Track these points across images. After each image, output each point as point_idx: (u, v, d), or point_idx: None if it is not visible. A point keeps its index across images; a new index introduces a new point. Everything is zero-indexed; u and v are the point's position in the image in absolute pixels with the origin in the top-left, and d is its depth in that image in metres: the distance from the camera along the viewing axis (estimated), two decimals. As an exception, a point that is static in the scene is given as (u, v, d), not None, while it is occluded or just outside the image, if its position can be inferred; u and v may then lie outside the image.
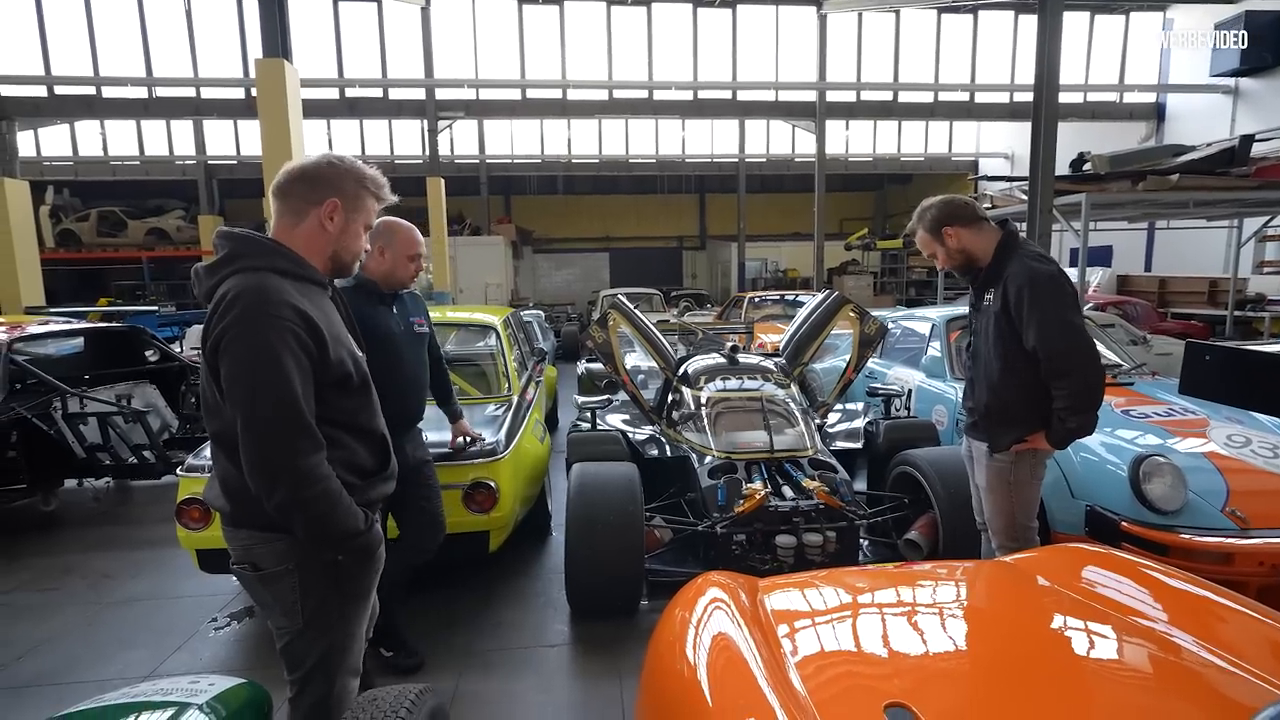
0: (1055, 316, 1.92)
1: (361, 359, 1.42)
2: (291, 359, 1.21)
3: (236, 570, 1.34)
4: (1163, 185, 6.08)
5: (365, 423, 1.42)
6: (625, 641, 2.51)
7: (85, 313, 8.64)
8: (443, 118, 13.73)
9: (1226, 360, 1.38)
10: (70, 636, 2.71)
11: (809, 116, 13.96)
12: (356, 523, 1.29)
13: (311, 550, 1.30)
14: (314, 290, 1.35)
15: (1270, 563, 2.21)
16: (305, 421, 1.23)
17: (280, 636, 1.36)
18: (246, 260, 1.27)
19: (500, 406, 3.27)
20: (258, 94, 6.42)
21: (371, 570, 1.42)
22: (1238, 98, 11.86)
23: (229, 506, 1.32)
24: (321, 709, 1.37)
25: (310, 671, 1.35)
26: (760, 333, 6.85)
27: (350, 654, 1.40)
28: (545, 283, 22.06)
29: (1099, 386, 1.96)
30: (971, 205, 2.14)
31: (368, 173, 1.41)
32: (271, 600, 1.34)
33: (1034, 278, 1.95)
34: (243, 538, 1.32)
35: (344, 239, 1.39)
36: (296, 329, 1.23)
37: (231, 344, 1.20)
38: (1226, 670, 0.96)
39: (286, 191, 1.35)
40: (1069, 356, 1.92)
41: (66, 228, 16.36)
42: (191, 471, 2.57)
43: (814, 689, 0.94)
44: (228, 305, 1.21)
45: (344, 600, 1.37)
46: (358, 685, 1.44)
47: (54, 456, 3.97)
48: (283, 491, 1.20)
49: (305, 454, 1.22)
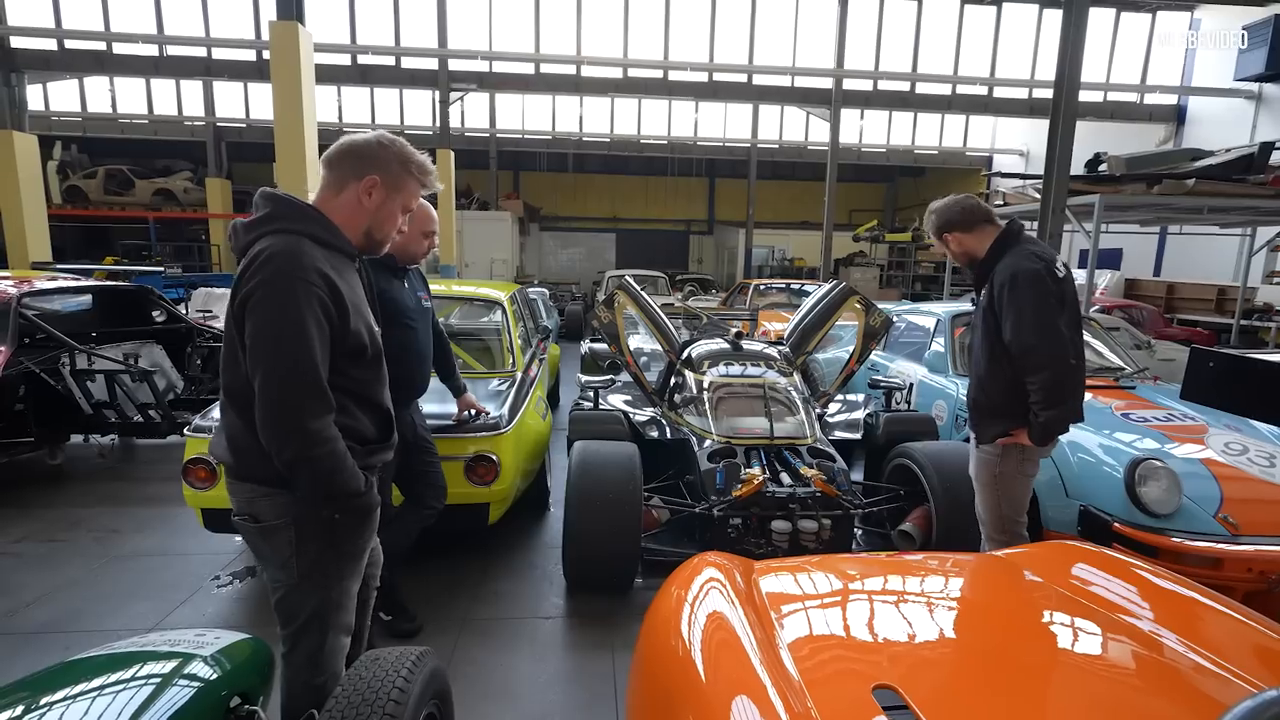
0: (1029, 312, 1.98)
1: (377, 333, 1.45)
2: (314, 323, 1.25)
3: (238, 521, 1.38)
4: (1178, 190, 6.02)
5: (374, 395, 1.46)
6: (619, 617, 2.56)
7: (92, 270, 8.65)
8: (455, 89, 13.56)
9: (1229, 367, 1.39)
10: (78, 587, 2.77)
11: (824, 104, 13.77)
12: (358, 484, 1.34)
13: (311, 507, 1.33)
14: (342, 260, 1.38)
15: (1258, 569, 2.24)
16: (320, 383, 1.27)
17: (275, 590, 1.39)
18: (284, 222, 1.31)
19: (504, 382, 3.29)
20: (270, 56, 6.36)
21: (367, 531, 1.46)
22: (1260, 103, 11.66)
23: (233, 460, 1.36)
24: (313, 663, 1.40)
25: (303, 625, 1.39)
26: (764, 320, 6.85)
27: (343, 611, 1.44)
28: (550, 261, 21.99)
29: (1069, 383, 2.01)
30: (969, 211, 2.19)
31: (415, 157, 1.43)
32: (270, 552, 1.38)
33: (1015, 274, 2.01)
34: (245, 490, 1.36)
35: (379, 216, 1.42)
36: (322, 295, 1.27)
37: (259, 302, 1.23)
38: (1205, 668, 0.98)
39: (333, 163, 1.40)
40: (1038, 351, 1.98)
41: (74, 184, 16.32)
42: (198, 432, 2.61)
43: (805, 670, 0.97)
44: (261, 264, 1.25)
45: (339, 557, 1.40)
46: (349, 643, 1.48)
47: (61, 412, 4.02)
48: (292, 448, 1.24)
49: (317, 415, 1.26)
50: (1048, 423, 2.02)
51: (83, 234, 16.63)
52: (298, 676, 1.41)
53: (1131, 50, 14.42)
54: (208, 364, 4.96)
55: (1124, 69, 14.44)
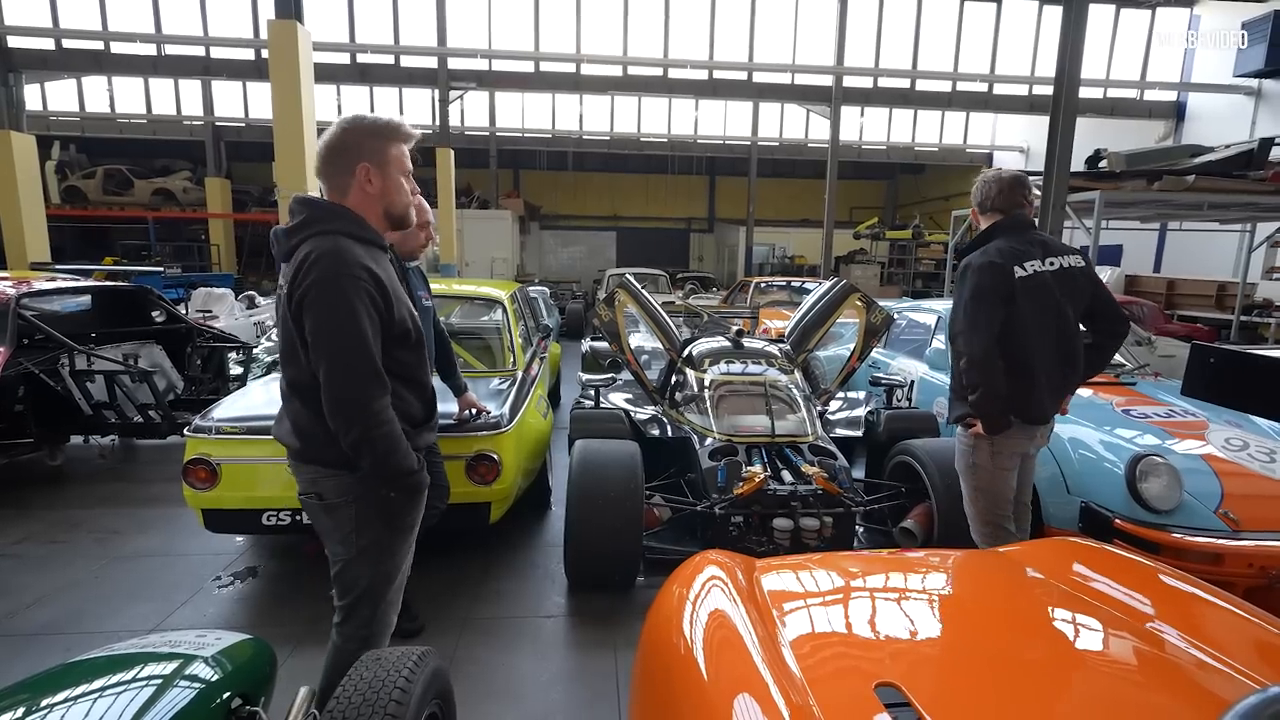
0: (963, 301, 2.11)
1: (417, 316, 1.54)
2: (365, 314, 1.35)
3: (303, 499, 1.51)
4: (1178, 186, 6.01)
5: (419, 376, 1.56)
6: (621, 615, 2.56)
7: (91, 271, 8.64)
8: (454, 88, 13.54)
9: (1230, 363, 1.38)
10: (78, 588, 2.77)
11: (824, 101, 13.75)
12: (412, 462, 1.44)
13: (370, 485, 1.44)
14: (377, 252, 1.47)
15: (1259, 565, 2.24)
16: (378, 368, 1.38)
17: (335, 563, 1.51)
18: (322, 225, 1.40)
19: (505, 381, 3.29)
20: (269, 56, 6.34)
21: (417, 508, 1.56)
22: (1260, 99, 11.63)
23: (299, 444, 1.47)
24: (363, 633, 1.51)
25: (359, 597, 1.50)
26: (765, 318, 6.85)
27: (394, 586, 1.55)
28: (551, 259, 21.97)
29: (980, 370, 2.07)
30: (983, 195, 2.27)
31: (381, 123, 1.46)
32: (333, 528, 1.48)
33: (968, 263, 2.15)
34: (309, 472, 1.48)
35: (388, 194, 1.48)
36: (369, 288, 1.36)
37: (315, 301, 1.34)
38: (1207, 664, 0.98)
39: (324, 172, 1.46)
40: (961, 338, 2.11)
41: (72, 184, 16.30)
42: (198, 432, 2.60)
43: (807, 667, 0.97)
44: (311, 265, 1.34)
45: (393, 534, 1.51)
46: (395, 619, 1.59)
47: (61, 412, 4.02)
48: (357, 430, 1.35)
49: (377, 398, 1.37)
50: (973, 405, 2.11)
51: (81, 234, 16.60)
52: (347, 645, 1.51)
53: (1131, 47, 14.39)
54: (208, 364, 4.96)
55: (1124, 65, 14.42)
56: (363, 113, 1.47)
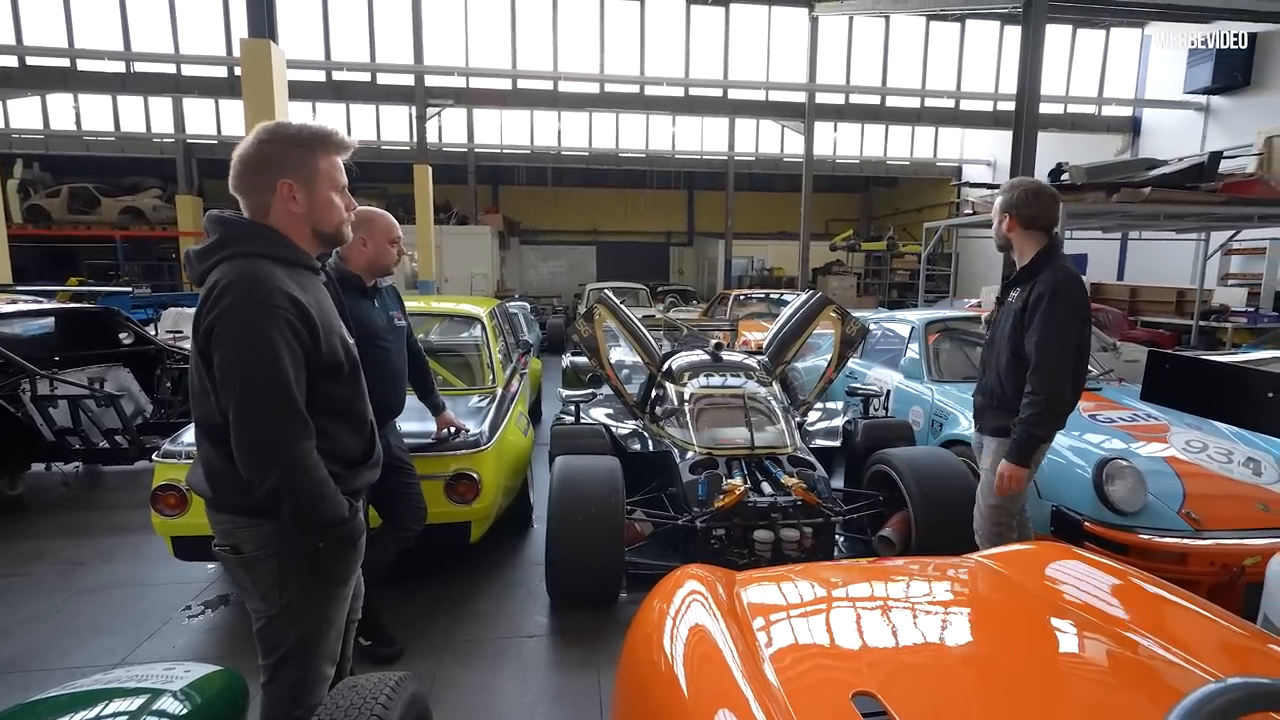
0: (1056, 335, 2.05)
1: (353, 345, 1.41)
2: (285, 347, 1.20)
3: (218, 552, 1.34)
4: (1135, 198, 6.24)
5: (357, 409, 1.42)
6: (604, 633, 2.54)
7: (54, 292, 8.41)
8: (432, 105, 13.54)
9: (1185, 370, 1.44)
10: (40, 622, 2.66)
11: (798, 117, 14.05)
12: (341, 511, 1.30)
13: (293, 537, 1.29)
14: (307, 275, 1.32)
15: (1220, 563, 2.32)
16: (297, 408, 1.23)
17: (257, 620, 1.36)
18: (238, 246, 1.25)
19: (484, 398, 3.27)
20: (242, 75, 6.28)
21: (352, 559, 1.42)
22: (1209, 115, 12.20)
23: (211, 492, 1.32)
24: (293, 694, 1.36)
25: (284, 657, 1.35)
26: (744, 330, 6.91)
27: (326, 641, 1.39)
28: (531, 274, 21.94)
29: (1057, 412, 2.09)
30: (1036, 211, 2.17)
31: (307, 131, 1.30)
32: (251, 584, 1.34)
33: (1056, 290, 2.07)
34: (225, 521, 1.32)
35: (315, 211, 1.32)
36: (290, 316, 1.21)
37: (224, 332, 1.19)
38: (1174, 663, 1.01)
39: (238, 187, 1.30)
40: (1043, 372, 2.06)
41: (36, 203, 15.88)
42: (168, 457, 2.53)
43: (786, 679, 0.98)
44: (220, 293, 1.19)
45: (322, 587, 1.36)
46: (333, 673, 1.44)
47: (21, 439, 3.88)
48: (274, 477, 1.21)
49: (296, 441, 1.23)
50: (1019, 437, 2.10)
51: (45, 254, 16.14)
52: (276, 708, 1.37)
53: (1089, 64, 15.01)
54: (178, 386, 4.84)
55: (1082, 83, 15.02)
56: (287, 121, 1.33)
